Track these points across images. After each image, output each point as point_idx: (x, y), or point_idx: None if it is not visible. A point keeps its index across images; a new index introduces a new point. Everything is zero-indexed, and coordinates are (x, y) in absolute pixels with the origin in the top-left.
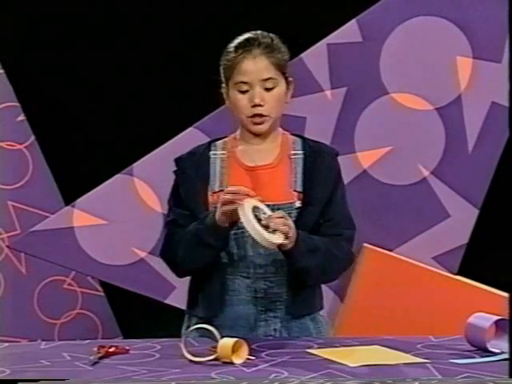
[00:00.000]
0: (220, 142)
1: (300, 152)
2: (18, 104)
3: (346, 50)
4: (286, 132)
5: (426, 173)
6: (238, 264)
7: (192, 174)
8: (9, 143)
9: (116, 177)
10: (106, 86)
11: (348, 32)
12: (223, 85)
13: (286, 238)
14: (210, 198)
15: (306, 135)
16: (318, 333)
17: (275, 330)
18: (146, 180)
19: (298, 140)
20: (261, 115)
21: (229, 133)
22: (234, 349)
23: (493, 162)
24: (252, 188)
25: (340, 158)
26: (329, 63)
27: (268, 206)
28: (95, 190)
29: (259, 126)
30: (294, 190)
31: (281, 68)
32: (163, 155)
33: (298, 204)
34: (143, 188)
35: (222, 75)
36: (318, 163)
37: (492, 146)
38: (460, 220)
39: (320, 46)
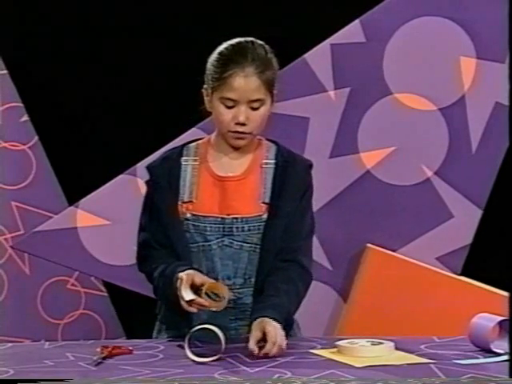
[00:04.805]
0: (193, 145)
1: (272, 161)
2: (21, 104)
3: (350, 50)
4: (261, 138)
5: (429, 173)
6: (207, 275)
7: (165, 184)
8: (12, 143)
9: (119, 177)
10: (109, 86)
11: (351, 32)
12: (206, 86)
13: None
14: (180, 209)
15: (309, 136)
16: None
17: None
18: None
19: (273, 147)
20: (243, 132)
21: None
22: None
23: (496, 162)
24: (221, 199)
25: (343, 159)
26: (332, 63)
27: (236, 218)
28: (99, 190)
29: (239, 141)
30: (263, 202)
31: (270, 86)
32: None
33: (265, 216)
34: None
35: (208, 82)
36: (289, 173)
37: (495, 147)
38: (463, 220)
39: (323, 47)
